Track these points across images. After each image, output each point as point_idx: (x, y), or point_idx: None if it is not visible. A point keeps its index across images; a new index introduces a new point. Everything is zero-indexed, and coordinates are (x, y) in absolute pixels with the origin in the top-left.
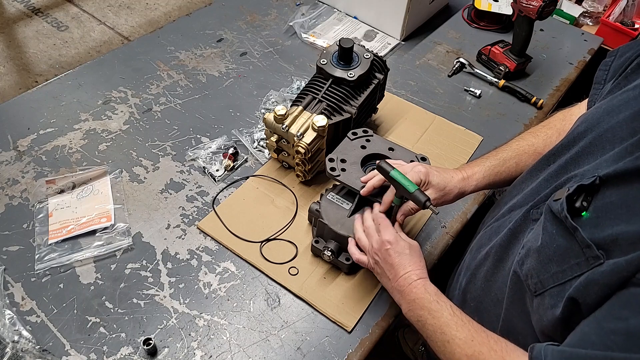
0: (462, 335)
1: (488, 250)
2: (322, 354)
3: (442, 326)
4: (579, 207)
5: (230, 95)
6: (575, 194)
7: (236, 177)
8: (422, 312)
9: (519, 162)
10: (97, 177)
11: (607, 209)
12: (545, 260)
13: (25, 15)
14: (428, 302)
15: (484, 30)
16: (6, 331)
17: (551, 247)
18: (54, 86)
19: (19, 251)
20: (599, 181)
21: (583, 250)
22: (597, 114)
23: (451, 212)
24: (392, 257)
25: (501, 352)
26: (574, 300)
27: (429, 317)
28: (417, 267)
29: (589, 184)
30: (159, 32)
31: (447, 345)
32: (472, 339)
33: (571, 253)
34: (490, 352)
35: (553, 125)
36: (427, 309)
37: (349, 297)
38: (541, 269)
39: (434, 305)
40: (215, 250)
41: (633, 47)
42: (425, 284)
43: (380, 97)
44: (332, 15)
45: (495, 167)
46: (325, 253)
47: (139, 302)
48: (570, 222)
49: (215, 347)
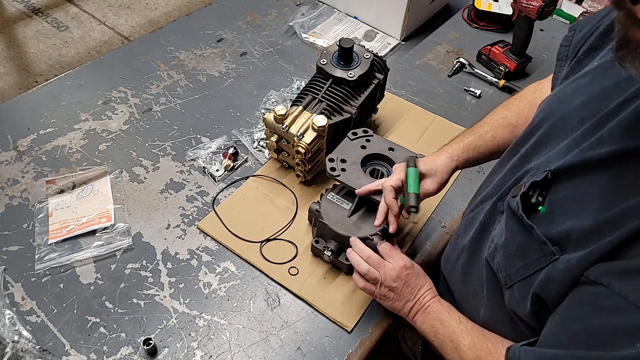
0: (466, 342)
1: (464, 242)
2: (322, 354)
3: (450, 334)
4: (535, 203)
5: (230, 95)
6: (529, 190)
7: (236, 177)
8: (434, 323)
9: (495, 135)
10: (97, 177)
11: (560, 204)
12: (510, 255)
13: (25, 15)
14: (441, 314)
15: (484, 30)
16: (6, 331)
17: (513, 243)
18: (54, 86)
19: (19, 251)
20: (551, 175)
21: (540, 247)
22: (553, 102)
23: (451, 212)
24: (412, 281)
25: (496, 353)
26: (538, 296)
27: (440, 327)
28: (430, 285)
29: (541, 180)
30: (159, 32)
31: (456, 352)
32: (474, 345)
33: (530, 249)
34: (488, 355)
35: (524, 97)
36: (439, 319)
37: (349, 297)
38: (507, 264)
39: (445, 316)
40: (215, 250)
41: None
42: (439, 299)
43: (380, 97)
44: (332, 15)
45: (473, 142)
46: (325, 253)
47: (139, 302)
48: (526, 220)
49: (215, 347)
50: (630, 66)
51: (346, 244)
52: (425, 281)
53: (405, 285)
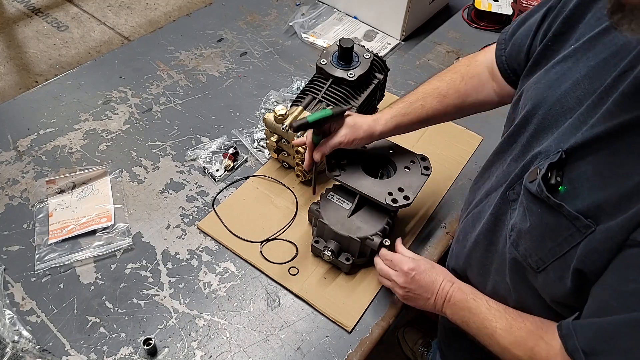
0: (501, 326)
1: (476, 237)
2: (322, 354)
3: (483, 321)
4: (555, 183)
5: (230, 95)
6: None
7: (236, 177)
8: (463, 313)
9: (425, 104)
10: (97, 177)
11: (582, 180)
12: (539, 238)
13: (25, 15)
14: (467, 302)
15: (484, 30)
16: (6, 331)
17: (541, 226)
18: (54, 86)
19: (19, 251)
20: (565, 155)
21: (573, 222)
22: (540, 90)
23: (451, 212)
24: (420, 280)
25: (538, 332)
26: (580, 271)
27: (470, 316)
28: (444, 275)
29: (557, 160)
30: (159, 32)
31: (492, 337)
32: (510, 327)
33: (562, 227)
34: (529, 334)
35: (458, 70)
36: (467, 308)
37: (349, 297)
38: (538, 247)
39: (472, 303)
40: (215, 250)
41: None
42: (460, 286)
43: (380, 97)
44: (332, 15)
45: (402, 109)
46: (326, 253)
47: (139, 302)
48: (554, 200)
49: (215, 347)
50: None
51: (346, 244)
52: (436, 274)
53: (417, 286)
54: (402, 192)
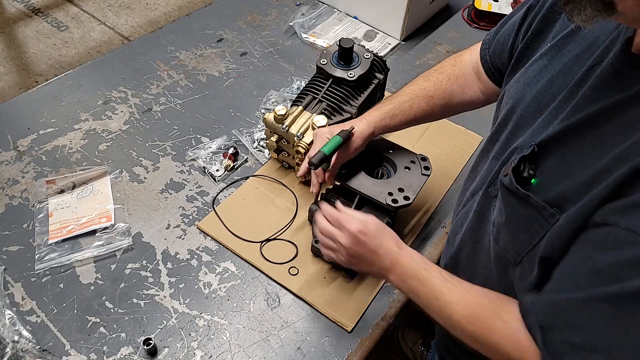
0: (455, 299)
1: (462, 236)
2: (322, 354)
3: (435, 292)
4: (527, 176)
5: (230, 95)
6: (519, 165)
7: (236, 177)
8: (413, 283)
9: (412, 105)
10: (97, 177)
11: (550, 172)
12: (514, 231)
13: (25, 15)
14: (417, 272)
15: (484, 30)
16: (6, 331)
17: (515, 219)
18: (54, 86)
19: (19, 251)
20: (537, 148)
21: (540, 212)
22: (519, 88)
23: (451, 212)
24: (368, 243)
25: (495, 307)
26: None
27: (421, 287)
28: (393, 239)
29: (529, 154)
30: (159, 32)
31: (444, 310)
32: (465, 301)
33: (532, 218)
34: (484, 309)
35: (444, 70)
36: (417, 279)
37: (349, 297)
38: (514, 240)
39: (423, 273)
40: (215, 250)
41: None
42: (409, 253)
43: (380, 97)
44: (332, 15)
45: (391, 111)
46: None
47: (139, 302)
48: (522, 191)
49: (215, 347)
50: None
51: None
52: (384, 236)
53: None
54: (402, 193)
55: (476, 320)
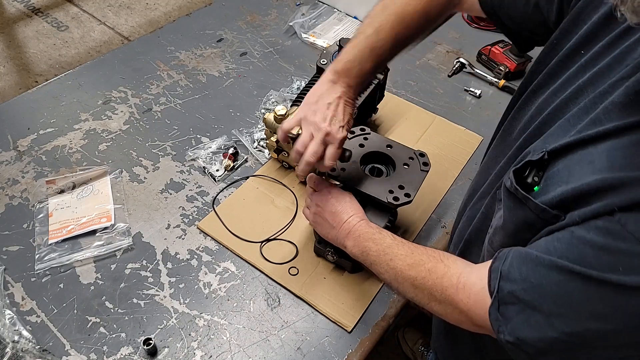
0: (403, 252)
1: (468, 236)
2: (322, 354)
3: (385, 248)
4: (531, 183)
5: (230, 95)
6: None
7: (236, 177)
8: (366, 244)
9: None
10: (97, 177)
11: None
12: (512, 233)
13: (25, 15)
14: (372, 234)
15: (484, 30)
16: (6, 331)
17: (511, 221)
18: (54, 86)
19: (19, 251)
20: (547, 155)
21: (539, 216)
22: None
23: (451, 212)
24: (333, 205)
25: (439, 256)
26: None
27: (373, 245)
28: (357, 211)
29: (537, 160)
30: (159, 32)
31: (390, 263)
32: (412, 252)
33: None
34: (428, 257)
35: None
36: (371, 239)
37: (349, 297)
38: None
39: (377, 235)
40: (215, 250)
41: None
42: (368, 223)
43: (380, 97)
44: (332, 15)
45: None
46: (329, 256)
47: (139, 302)
48: (521, 192)
49: (215, 347)
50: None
51: None
52: (350, 207)
53: (328, 211)
54: (403, 190)
55: (418, 266)
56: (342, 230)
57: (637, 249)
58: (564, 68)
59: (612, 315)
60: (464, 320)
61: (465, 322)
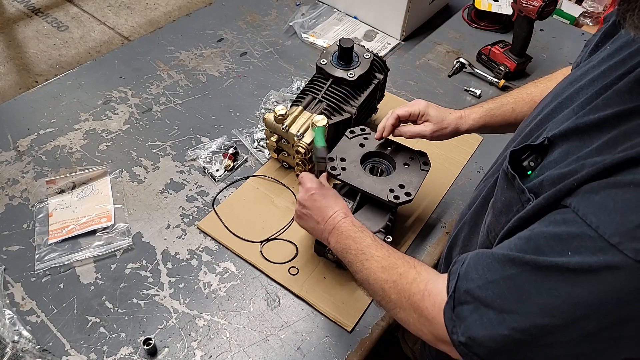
0: (380, 254)
1: (467, 217)
2: (322, 354)
3: (363, 248)
4: (526, 167)
5: (230, 95)
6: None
7: (236, 177)
8: (347, 241)
9: (516, 108)
10: (97, 177)
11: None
12: (497, 213)
13: (25, 15)
14: (354, 232)
15: (484, 30)
16: (6, 331)
17: (501, 200)
18: (54, 86)
19: (19, 251)
20: (547, 142)
21: (519, 197)
22: (563, 85)
23: (451, 212)
24: (318, 201)
25: (413, 262)
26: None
27: (353, 244)
28: (342, 207)
29: (537, 145)
30: (159, 32)
31: (366, 262)
32: (388, 255)
33: (513, 201)
34: (403, 262)
35: (555, 78)
36: (352, 237)
37: (349, 297)
38: (496, 222)
39: (358, 234)
40: (215, 250)
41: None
42: (352, 220)
43: (380, 97)
44: (332, 15)
45: (492, 110)
46: (329, 255)
47: (139, 302)
48: (511, 171)
49: (215, 347)
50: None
51: None
52: (334, 203)
53: (312, 206)
54: (403, 189)
55: (391, 269)
56: (327, 225)
57: (585, 230)
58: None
59: (559, 308)
60: (425, 331)
61: (426, 333)
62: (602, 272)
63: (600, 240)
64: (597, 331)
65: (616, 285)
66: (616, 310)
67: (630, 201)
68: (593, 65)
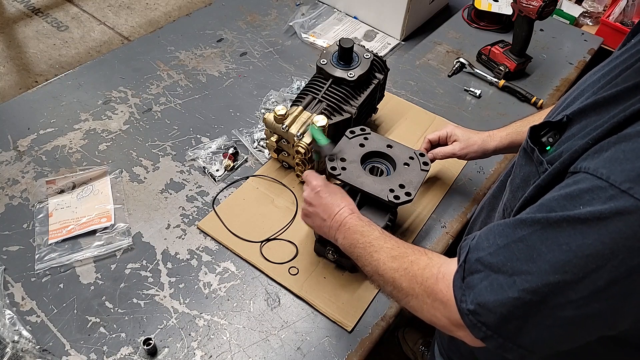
0: (389, 245)
1: (483, 202)
2: (322, 354)
3: (371, 241)
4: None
5: (230, 95)
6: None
7: (236, 177)
8: (355, 236)
9: None
10: (97, 177)
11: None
12: (515, 189)
13: (25, 15)
14: (361, 227)
15: (484, 30)
16: (6, 331)
17: (519, 177)
18: (54, 86)
19: (19, 251)
20: (566, 119)
21: (537, 169)
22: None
23: (451, 212)
24: (324, 198)
25: (423, 250)
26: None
27: (361, 237)
28: (348, 204)
29: (556, 122)
30: (159, 32)
31: (375, 254)
32: (397, 246)
33: (531, 175)
34: (413, 251)
35: None
36: (359, 232)
37: (349, 297)
38: (513, 199)
39: (365, 228)
40: (215, 250)
41: None
42: (359, 216)
43: (380, 97)
44: (332, 15)
45: (519, 127)
46: (329, 255)
47: (139, 302)
48: (530, 144)
49: (215, 347)
50: None
51: None
52: (341, 199)
53: (318, 203)
54: (403, 189)
55: (402, 258)
56: (334, 222)
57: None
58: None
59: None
60: (439, 315)
61: (440, 319)
62: (614, 219)
63: (611, 189)
64: (608, 285)
65: (627, 232)
66: (627, 259)
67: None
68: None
